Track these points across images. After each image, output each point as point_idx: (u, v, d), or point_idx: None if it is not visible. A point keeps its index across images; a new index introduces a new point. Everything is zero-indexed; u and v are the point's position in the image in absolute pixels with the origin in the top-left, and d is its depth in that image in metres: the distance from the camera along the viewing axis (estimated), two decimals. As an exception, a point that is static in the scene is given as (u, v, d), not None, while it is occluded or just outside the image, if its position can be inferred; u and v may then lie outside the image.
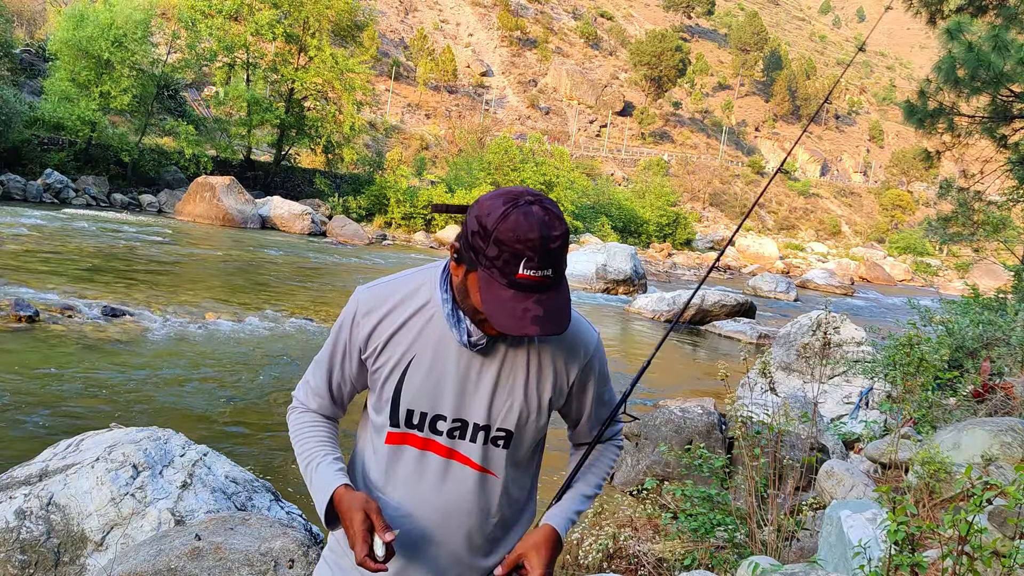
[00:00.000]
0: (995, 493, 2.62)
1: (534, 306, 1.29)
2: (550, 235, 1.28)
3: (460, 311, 1.44)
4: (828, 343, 5.13)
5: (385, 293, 1.51)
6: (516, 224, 1.27)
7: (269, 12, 34.24)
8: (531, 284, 1.28)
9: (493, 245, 1.28)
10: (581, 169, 53.36)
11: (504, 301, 1.29)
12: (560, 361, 1.52)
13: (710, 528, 4.29)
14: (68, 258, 15.08)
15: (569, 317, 1.35)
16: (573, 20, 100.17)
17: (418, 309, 1.48)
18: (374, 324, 1.48)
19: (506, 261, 1.28)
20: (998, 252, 14.82)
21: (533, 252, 1.27)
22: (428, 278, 1.51)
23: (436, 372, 1.46)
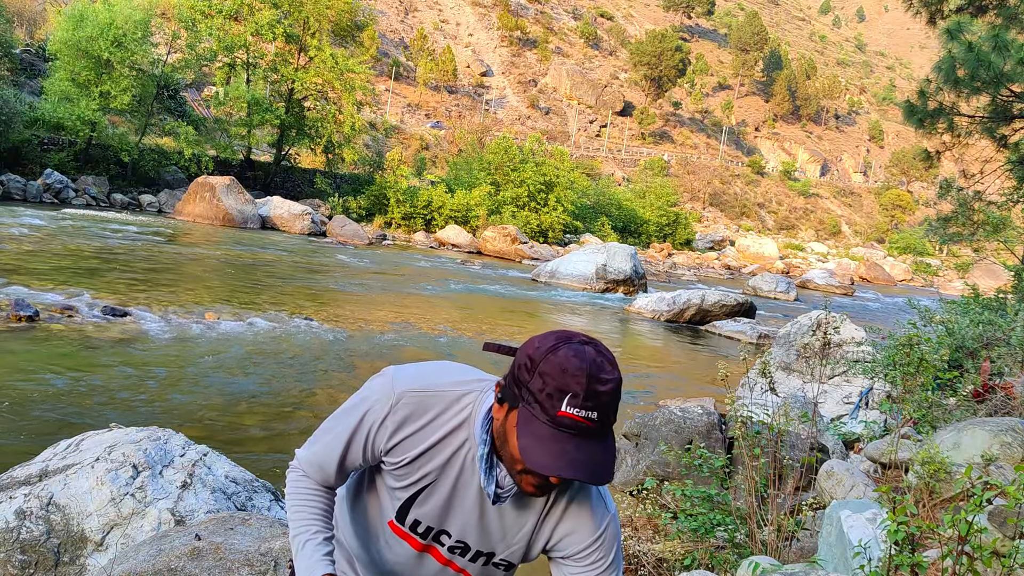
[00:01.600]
0: (995, 493, 2.62)
1: (573, 449, 1.20)
2: (599, 376, 1.21)
3: (495, 457, 1.36)
4: (828, 343, 5.13)
5: (427, 404, 1.39)
6: (565, 358, 1.21)
7: (269, 12, 34.25)
8: (573, 424, 1.20)
9: (538, 377, 1.22)
10: (581, 169, 53.34)
11: (542, 438, 1.21)
12: (565, 526, 1.44)
13: (710, 528, 4.29)
14: (68, 258, 15.08)
15: (611, 473, 1.25)
16: (573, 20, 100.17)
17: (453, 429, 1.39)
18: (405, 436, 1.39)
19: (549, 395, 1.20)
20: (998, 252, 14.82)
21: (579, 388, 1.19)
22: (473, 397, 1.41)
23: (453, 504, 1.42)
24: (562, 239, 39.00)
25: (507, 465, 1.33)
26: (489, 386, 1.42)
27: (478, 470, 1.36)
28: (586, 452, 1.21)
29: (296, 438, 6.79)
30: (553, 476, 1.22)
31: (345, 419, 1.44)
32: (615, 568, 1.46)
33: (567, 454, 1.20)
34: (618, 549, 1.47)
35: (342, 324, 12.67)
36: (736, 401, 4.73)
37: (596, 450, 1.21)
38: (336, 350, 10.80)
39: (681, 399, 9.29)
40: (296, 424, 7.49)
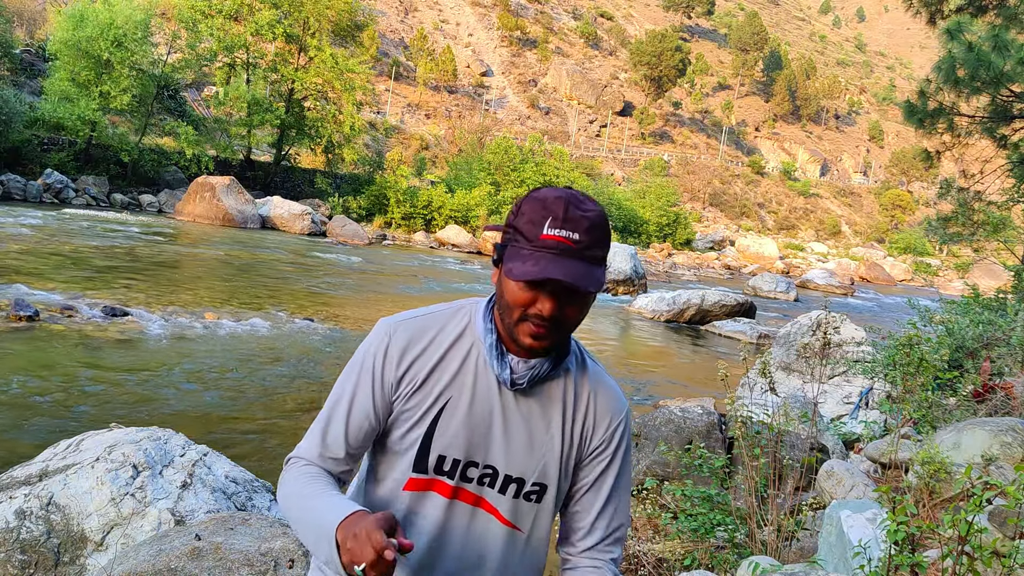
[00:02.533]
0: (995, 493, 2.62)
1: (557, 262, 1.23)
2: (579, 204, 1.25)
3: (504, 345, 1.37)
4: (828, 343, 5.13)
5: (423, 324, 1.40)
6: (544, 193, 1.27)
7: (269, 12, 34.24)
8: (556, 244, 1.23)
9: (521, 214, 1.27)
10: (581, 169, 53.34)
11: (526, 258, 1.24)
12: (590, 420, 1.43)
13: (710, 528, 4.29)
14: (68, 258, 15.08)
15: (598, 282, 1.26)
16: (573, 20, 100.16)
17: (456, 339, 1.40)
18: (412, 360, 1.37)
19: (531, 222, 1.25)
20: (998, 252, 14.82)
21: (559, 212, 1.23)
22: (469, 306, 1.44)
23: (474, 416, 1.37)
24: (562, 239, 38.93)
25: (507, 328, 1.33)
26: (482, 300, 1.44)
27: (489, 365, 1.36)
28: (569, 265, 1.23)
29: (297, 438, 6.79)
30: (537, 278, 1.22)
31: (344, 381, 1.41)
32: (623, 465, 1.46)
33: (550, 263, 1.22)
34: (628, 447, 1.46)
35: (342, 324, 12.67)
36: (736, 401, 4.73)
37: (579, 266, 1.24)
38: (336, 350, 10.80)
39: (681, 399, 9.30)
40: (297, 424, 7.49)
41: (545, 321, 1.28)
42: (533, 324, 1.29)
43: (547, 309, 1.27)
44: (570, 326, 1.33)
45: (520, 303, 1.28)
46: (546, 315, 1.27)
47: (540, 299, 1.27)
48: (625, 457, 1.46)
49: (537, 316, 1.28)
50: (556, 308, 1.27)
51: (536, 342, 1.31)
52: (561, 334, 1.32)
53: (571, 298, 1.29)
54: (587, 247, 1.25)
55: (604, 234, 1.27)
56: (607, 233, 1.29)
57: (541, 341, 1.31)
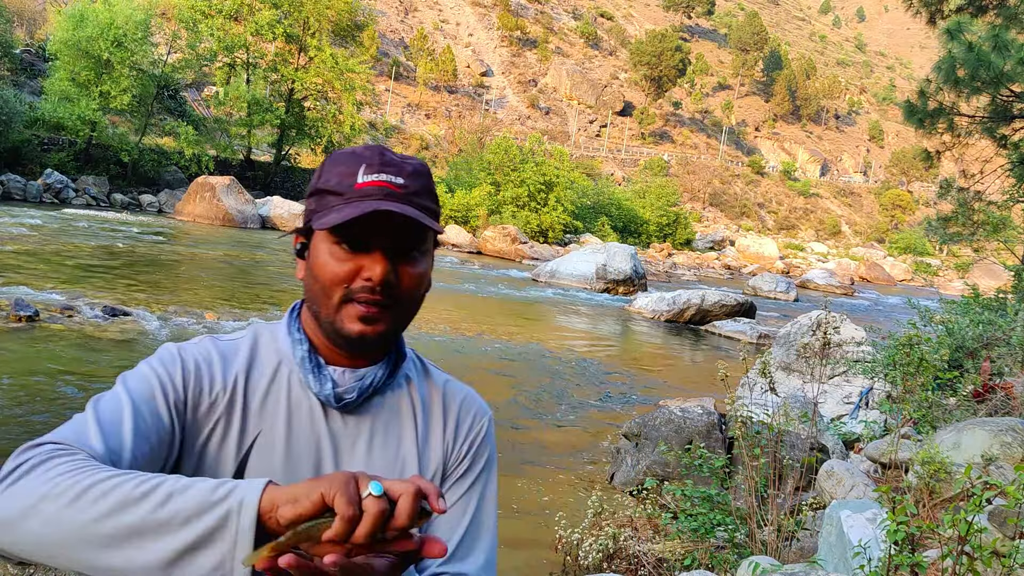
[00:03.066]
0: (995, 493, 2.62)
1: (381, 202, 1.00)
2: (393, 155, 1.06)
3: (320, 355, 1.09)
4: (828, 343, 5.14)
5: (216, 348, 1.10)
6: (351, 149, 1.07)
7: (269, 12, 34.27)
8: (375, 189, 1.01)
9: (324, 174, 1.07)
10: (581, 169, 53.36)
11: (340, 208, 1.01)
12: (450, 428, 1.16)
13: (710, 528, 4.29)
14: (68, 258, 15.08)
15: (436, 230, 1.05)
16: (573, 20, 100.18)
17: (255, 358, 1.10)
18: (205, 386, 1.05)
19: (340, 175, 1.04)
20: (998, 252, 14.83)
21: (373, 158, 1.04)
22: (264, 327, 1.16)
23: (295, 452, 1.06)
24: (562, 239, 39.01)
25: (325, 326, 1.06)
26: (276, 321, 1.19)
27: (304, 383, 1.08)
28: (398, 206, 1.00)
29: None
30: (362, 213, 0.97)
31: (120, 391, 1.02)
32: (490, 479, 1.17)
33: (373, 203, 0.99)
34: (493, 458, 1.19)
35: (342, 324, 12.67)
36: (736, 401, 4.73)
37: (410, 209, 1.01)
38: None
39: (681, 399, 9.30)
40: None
41: (377, 291, 1.02)
42: (360, 302, 1.03)
43: (378, 271, 1.01)
44: (409, 299, 1.07)
45: (340, 277, 1.03)
46: (377, 279, 1.01)
47: (367, 263, 1.02)
48: (492, 469, 1.19)
49: (366, 288, 1.02)
50: (389, 269, 1.03)
51: (368, 326, 1.04)
52: (398, 312, 1.06)
53: (407, 256, 1.05)
54: (415, 193, 1.03)
55: (431, 184, 1.08)
56: (434, 186, 1.09)
57: (374, 324, 1.04)
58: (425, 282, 1.10)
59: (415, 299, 1.09)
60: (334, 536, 0.74)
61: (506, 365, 11.44)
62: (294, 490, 0.77)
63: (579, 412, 9.29)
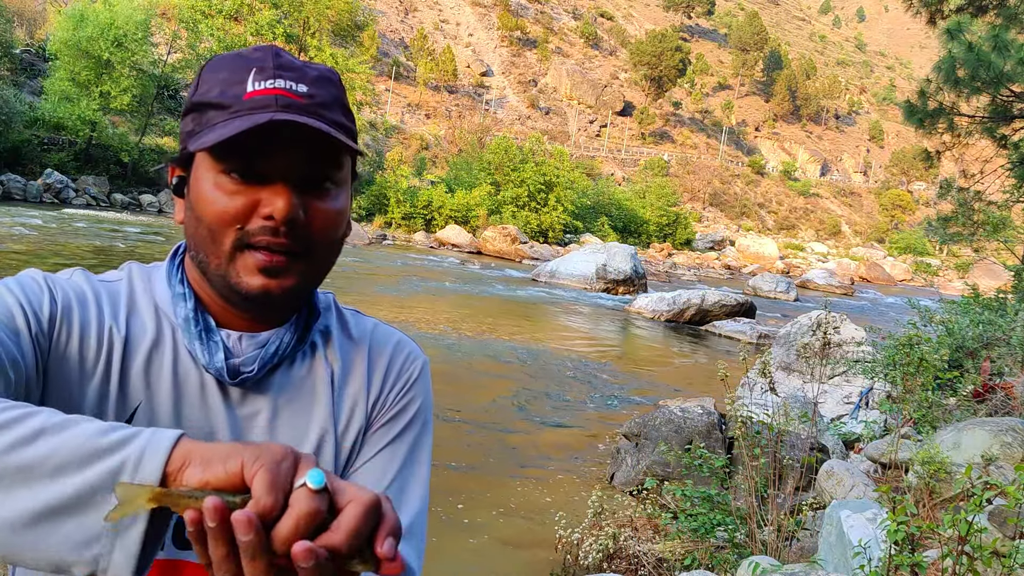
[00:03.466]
0: (995, 493, 2.62)
1: (278, 113, 0.76)
2: (289, 55, 0.83)
3: (209, 314, 0.87)
4: (828, 343, 5.14)
5: (95, 288, 0.88)
6: (234, 54, 0.83)
7: (269, 12, 34.31)
8: (270, 99, 0.78)
9: (203, 84, 0.82)
10: (581, 169, 53.36)
11: (225, 123, 0.77)
12: (376, 382, 0.94)
13: (710, 528, 4.29)
14: (68, 258, 15.08)
15: (352, 148, 0.80)
16: (573, 20, 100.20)
17: (133, 310, 0.88)
18: (76, 324, 0.82)
19: (223, 83, 0.79)
20: (998, 252, 14.83)
21: (266, 60, 0.80)
22: (141, 273, 0.94)
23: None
24: (562, 239, 39.02)
25: (214, 278, 0.82)
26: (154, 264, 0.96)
27: (191, 351, 0.85)
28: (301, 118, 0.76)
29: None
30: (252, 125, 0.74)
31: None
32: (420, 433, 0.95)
33: (269, 114, 0.76)
34: (426, 409, 0.97)
35: (342, 324, 12.66)
36: (736, 401, 4.73)
37: (316, 121, 0.78)
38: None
39: (681, 399, 9.30)
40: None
41: (281, 233, 0.78)
42: (260, 248, 0.79)
43: (281, 206, 0.77)
44: (323, 243, 0.83)
45: (230, 215, 0.78)
46: (280, 216, 0.77)
47: (265, 196, 0.78)
48: (425, 418, 0.96)
49: (266, 228, 0.78)
50: (295, 203, 0.78)
51: (272, 279, 0.80)
52: (311, 262, 0.83)
53: (319, 187, 0.81)
54: (323, 104, 0.80)
55: (343, 95, 0.84)
56: (346, 98, 0.85)
57: (280, 277, 0.80)
58: (344, 222, 0.85)
59: (331, 244, 0.84)
60: (237, 525, 0.53)
61: (506, 365, 11.44)
62: (212, 449, 0.57)
63: (579, 412, 9.29)
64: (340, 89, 0.84)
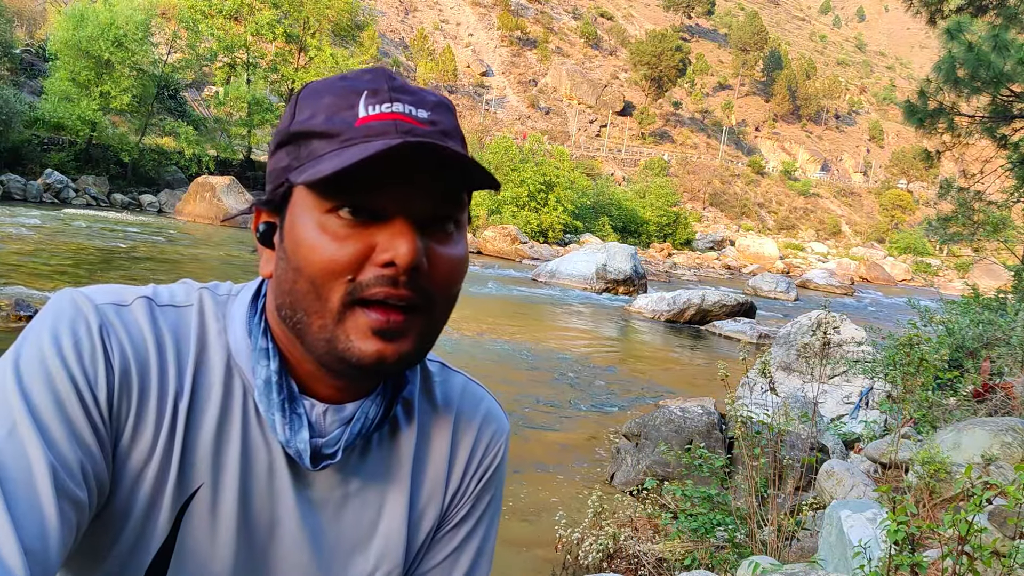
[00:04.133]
0: (995, 493, 2.63)
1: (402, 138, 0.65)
2: (401, 78, 0.72)
3: (294, 378, 0.72)
4: (828, 343, 5.14)
5: (159, 326, 0.71)
6: (336, 77, 0.71)
7: (269, 12, 34.33)
8: (388, 124, 0.66)
9: (303, 111, 0.69)
10: (581, 169, 53.36)
11: (338, 153, 0.65)
12: (458, 466, 0.82)
13: (710, 528, 4.29)
14: (68, 258, 15.08)
15: (493, 182, 0.69)
16: (573, 20, 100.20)
17: (208, 363, 0.72)
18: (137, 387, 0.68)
19: (330, 108, 0.67)
20: (998, 252, 14.83)
21: (380, 83, 0.69)
22: (213, 305, 0.75)
23: (251, 523, 0.72)
24: (562, 239, 39.02)
25: (311, 341, 0.67)
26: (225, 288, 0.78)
27: (268, 422, 0.70)
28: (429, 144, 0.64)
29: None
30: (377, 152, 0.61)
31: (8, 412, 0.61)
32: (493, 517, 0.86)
33: (392, 140, 0.64)
34: (500, 488, 0.86)
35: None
36: (736, 401, 4.73)
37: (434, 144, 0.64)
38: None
39: (681, 399, 9.30)
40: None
41: (402, 282, 0.65)
42: (375, 304, 0.65)
43: (405, 251, 0.64)
44: (445, 297, 0.71)
45: (342, 264, 0.65)
46: (404, 262, 0.64)
47: (383, 240, 0.65)
48: (496, 507, 0.86)
49: (384, 277, 0.65)
50: (418, 246, 0.65)
51: (388, 343, 0.67)
52: (430, 320, 0.70)
53: (442, 228, 0.68)
54: (446, 133, 0.69)
55: (458, 125, 0.73)
56: (459, 126, 0.73)
57: (397, 340, 0.67)
58: (464, 271, 0.73)
59: (451, 300, 0.72)
60: None
61: (506, 365, 11.44)
62: None
63: (579, 412, 9.30)
64: (456, 119, 0.73)
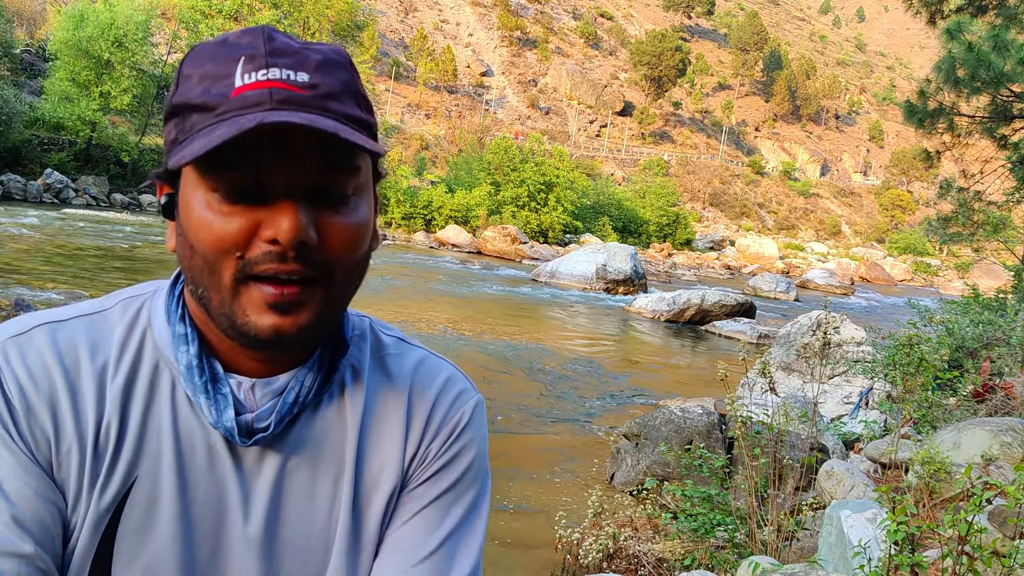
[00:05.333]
0: (995, 493, 2.62)
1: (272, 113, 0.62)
2: (285, 35, 0.67)
3: (216, 356, 0.73)
4: (828, 343, 5.14)
5: (62, 338, 0.71)
6: (219, 39, 0.68)
7: (269, 12, 34.33)
8: (263, 94, 0.63)
9: (185, 81, 0.66)
10: (581, 169, 53.39)
11: (211, 130, 0.63)
12: (417, 426, 0.80)
13: (710, 528, 4.29)
14: (68, 258, 15.09)
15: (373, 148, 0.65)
16: (573, 20, 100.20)
17: (128, 359, 0.73)
18: (48, 406, 0.69)
19: (208, 77, 0.65)
20: (998, 252, 14.83)
21: (256, 45, 0.65)
22: (142, 297, 0.77)
23: (191, 509, 0.71)
24: (562, 239, 39.02)
25: (217, 315, 0.68)
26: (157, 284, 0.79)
27: (195, 405, 0.72)
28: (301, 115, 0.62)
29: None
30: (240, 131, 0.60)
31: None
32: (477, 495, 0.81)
33: (260, 115, 0.61)
34: (479, 463, 0.81)
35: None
36: (736, 401, 4.73)
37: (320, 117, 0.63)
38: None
39: (681, 399, 9.30)
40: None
41: (289, 258, 0.65)
42: (266, 279, 0.66)
43: (286, 227, 0.64)
44: (344, 265, 0.70)
45: (228, 242, 0.65)
46: (287, 238, 0.64)
47: (267, 217, 0.65)
48: (475, 479, 0.81)
49: (270, 255, 0.65)
50: (302, 222, 0.64)
51: (284, 317, 0.67)
52: (331, 290, 0.69)
53: (333, 199, 0.67)
54: (330, 95, 0.66)
55: (356, 80, 0.69)
56: (360, 83, 0.69)
57: (294, 313, 0.67)
58: (367, 236, 0.71)
59: (353, 265, 0.71)
60: None
61: (506, 365, 11.44)
62: None
63: (579, 412, 9.30)
64: (351, 73, 0.68)
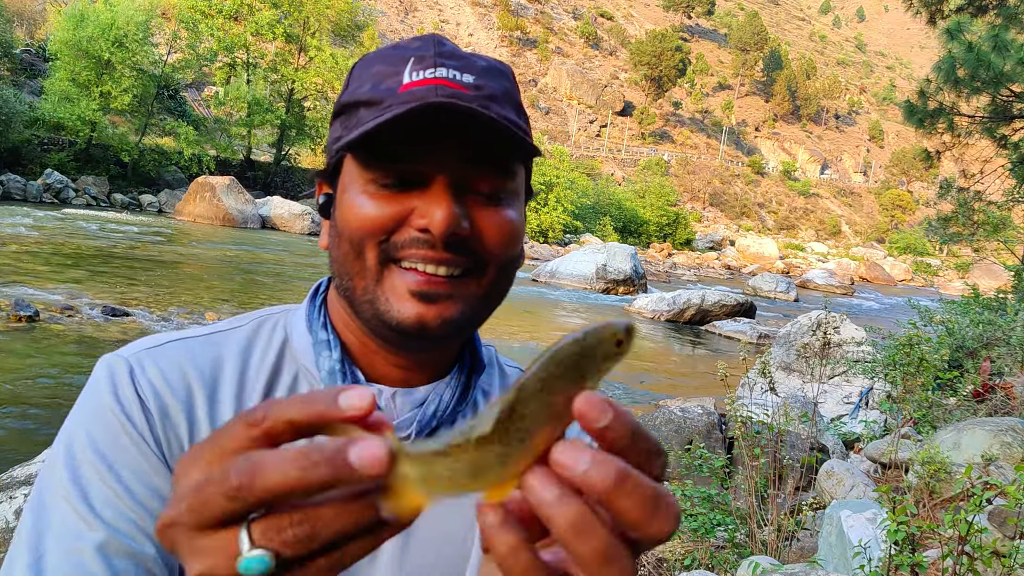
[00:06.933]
0: (995, 493, 2.62)
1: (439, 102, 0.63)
2: (452, 44, 0.70)
3: (356, 366, 0.72)
4: (828, 343, 5.14)
5: (194, 357, 0.71)
6: (390, 46, 0.71)
7: (269, 12, 34.34)
8: (430, 90, 0.65)
9: (354, 81, 0.70)
10: (581, 169, 53.39)
11: (377, 117, 0.64)
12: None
13: (710, 528, 4.29)
14: (68, 258, 15.08)
15: (530, 147, 0.66)
16: (573, 20, 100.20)
17: (266, 375, 0.73)
18: (181, 424, 0.68)
19: (377, 76, 0.68)
20: (998, 252, 14.83)
21: (426, 49, 0.68)
22: (278, 316, 0.78)
23: None
24: (562, 239, 39.02)
25: (360, 307, 0.68)
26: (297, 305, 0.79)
27: None
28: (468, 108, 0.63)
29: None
30: (403, 110, 0.61)
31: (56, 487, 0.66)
32: None
33: (426, 102, 0.63)
34: None
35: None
36: (736, 401, 4.73)
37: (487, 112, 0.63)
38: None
39: (681, 399, 9.30)
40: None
41: (440, 246, 0.64)
42: (416, 265, 0.65)
43: (440, 215, 0.63)
44: (499, 261, 0.68)
45: (376, 225, 0.65)
46: (440, 227, 0.63)
47: (420, 205, 0.65)
48: None
49: (418, 239, 0.65)
50: (456, 211, 0.64)
51: (428, 305, 0.65)
52: (481, 285, 0.68)
53: (485, 194, 0.67)
54: (492, 97, 0.67)
55: (516, 92, 0.71)
56: (519, 94, 0.72)
57: (439, 303, 0.66)
58: (520, 236, 0.69)
59: (507, 263, 0.69)
60: None
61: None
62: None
63: (579, 412, 9.29)
64: (513, 83, 0.71)
